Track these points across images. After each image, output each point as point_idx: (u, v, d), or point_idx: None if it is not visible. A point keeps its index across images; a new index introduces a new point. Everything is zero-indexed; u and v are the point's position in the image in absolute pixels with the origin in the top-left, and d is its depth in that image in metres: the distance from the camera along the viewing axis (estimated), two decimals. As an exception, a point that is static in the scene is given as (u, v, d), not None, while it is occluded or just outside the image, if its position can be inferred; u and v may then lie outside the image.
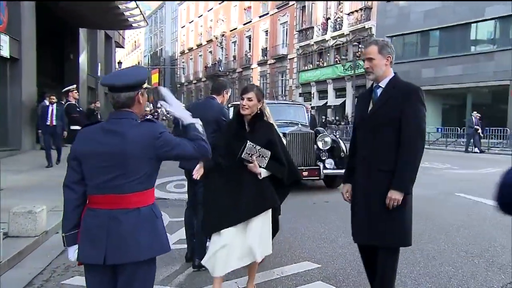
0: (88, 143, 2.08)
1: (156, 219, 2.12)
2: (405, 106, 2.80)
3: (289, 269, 4.07)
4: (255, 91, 3.19)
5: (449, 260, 4.30)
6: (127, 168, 2.03)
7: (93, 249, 2.02)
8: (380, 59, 2.87)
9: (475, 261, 4.26)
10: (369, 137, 2.91)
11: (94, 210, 2.05)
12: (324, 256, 4.45)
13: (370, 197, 2.87)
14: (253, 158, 3.09)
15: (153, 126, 2.11)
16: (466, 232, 5.30)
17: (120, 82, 2.10)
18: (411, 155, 2.79)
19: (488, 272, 3.96)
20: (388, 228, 2.83)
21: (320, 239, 5.10)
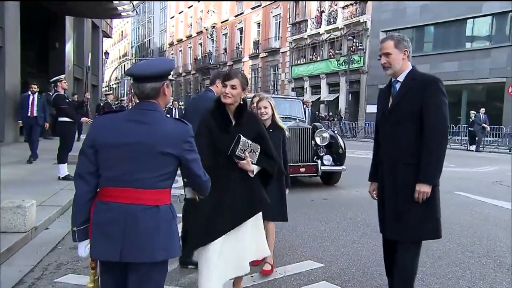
0: (109, 131, 2.00)
1: (173, 220, 2.07)
2: (425, 97, 2.83)
3: (292, 269, 4.00)
4: (239, 78, 2.82)
5: (455, 260, 4.27)
6: (151, 162, 1.97)
7: (108, 245, 1.95)
8: (397, 54, 2.91)
9: (482, 262, 4.24)
10: (392, 131, 2.95)
11: (107, 203, 1.97)
12: (326, 255, 4.40)
13: (397, 191, 2.91)
14: (246, 154, 2.75)
15: (186, 127, 2.07)
16: (471, 232, 5.30)
17: (146, 71, 2.04)
18: (436, 146, 2.81)
19: (497, 273, 3.94)
20: (419, 222, 2.85)
21: (321, 237, 5.05)
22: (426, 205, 2.83)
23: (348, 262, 4.22)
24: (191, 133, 2.08)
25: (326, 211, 6.37)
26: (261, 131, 2.94)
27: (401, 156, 2.90)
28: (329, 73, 30.74)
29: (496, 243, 4.86)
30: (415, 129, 2.85)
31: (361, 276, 3.89)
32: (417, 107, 2.84)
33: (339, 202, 6.91)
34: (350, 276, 3.87)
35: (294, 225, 5.53)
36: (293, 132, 7.89)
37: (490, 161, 14.13)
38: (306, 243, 4.82)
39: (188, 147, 2.04)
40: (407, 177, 2.86)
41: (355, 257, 4.36)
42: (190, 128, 2.10)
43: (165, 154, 1.98)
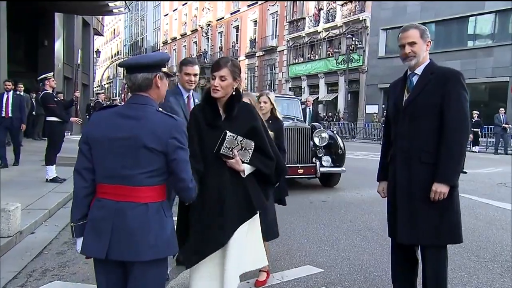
0: (101, 127, 2.02)
1: (165, 218, 2.04)
2: (446, 91, 2.73)
3: (290, 274, 3.93)
4: (229, 66, 2.54)
5: (461, 265, 4.20)
6: (139, 158, 1.96)
7: (96, 242, 1.97)
8: (422, 44, 2.83)
9: (489, 267, 4.17)
10: (408, 127, 2.83)
11: (101, 200, 2.00)
12: (326, 260, 4.32)
13: (412, 192, 2.80)
14: (234, 152, 2.52)
15: (175, 121, 2.03)
16: (476, 236, 5.23)
17: (137, 60, 2.08)
18: (455, 143, 2.71)
19: (505, 279, 3.88)
20: (434, 225, 2.75)
21: (320, 241, 4.97)
22: (444, 206, 2.73)
23: (348, 267, 4.15)
24: (181, 129, 2.03)
25: (325, 213, 6.29)
26: (256, 125, 2.66)
27: (417, 154, 2.79)
28: (328, 72, 30.72)
29: (502, 246, 4.80)
30: (434, 125, 2.76)
31: (363, 281, 3.81)
32: (437, 102, 2.74)
33: (339, 205, 6.83)
34: (351, 282, 3.79)
35: (292, 228, 5.46)
36: (291, 132, 7.82)
37: (493, 162, 14.12)
38: (305, 247, 4.74)
39: (176, 144, 1.98)
40: (423, 176, 2.75)
41: (355, 261, 4.28)
42: (181, 123, 2.05)
43: (151, 150, 1.96)
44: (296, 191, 8.07)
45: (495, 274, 3.98)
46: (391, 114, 3.04)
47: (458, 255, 4.47)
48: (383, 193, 3.14)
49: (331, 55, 29.74)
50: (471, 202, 7.19)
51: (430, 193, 2.71)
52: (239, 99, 2.66)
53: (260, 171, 2.67)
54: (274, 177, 2.75)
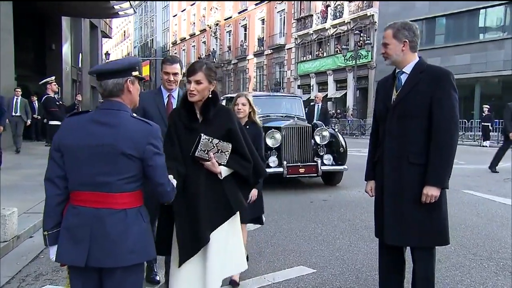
0: (73, 134, 2.00)
1: (143, 223, 2.06)
2: (436, 91, 2.68)
3: (282, 275, 3.92)
4: (204, 70, 2.58)
5: (456, 263, 4.16)
6: (117, 165, 1.96)
7: (74, 249, 1.96)
8: (395, 44, 2.78)
9: (484, 265, 4.12)
10: (396, 127, 2.79)
11: (77, 207, 1.98)
12: (320, 260, 4.30)
13: (401, 193, 2.76)
14: (210, 155, 2.56)
15: (150, 127, 2.04)
16: (475, 233, 5.16)
17: (105, 67, 2.09)
18: (446, 145, 2.67)
19: (499, 277, 3.82)
20: (422, 227, 2.73)
21: (316, 241, 4.95)
22: (431, 208, 2.71)
23: (341, 267, 4.12)
24: (156, 134, 2.04)
25: (324, 213, 6.27)
26: (233, 127, 2.68)
27: (405, 154, 2.75)
28: (336, 69, 30.57)
29: (500, 244, 4.73)
30: (422, 125, 2.71)
31: (354, 282, 3.79)
32: (427, 102, 2.69)
33: (339, 203, 6.80)
34: (342, 283, 3.77)
35: (289, 229, 5.45)
36: (291, 131, 7.82)
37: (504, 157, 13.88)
38: (300, 247, 4.73)
39: (153, 150, 2.00)
40: (411, 177, 2.72)
41: (349, 261, 4.26)
42: (156, 129, 2.05)
43: (128, 157, 1.97)
44: (298, 190, 8.07)
45: (489, 273, 3.92)
46: (380, 113, 2.99)
47: (454, 253, 4.42)
48: (371, 193, 3.09)
49: (339, 51, 29.58)
50: (474, 199, 7.11)
51: (418, 194, 2.69)
52: (216, 102, 2.69)
53: (237, 173, 2.69)
54: (252, 179, 2.77)
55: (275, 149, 7.73)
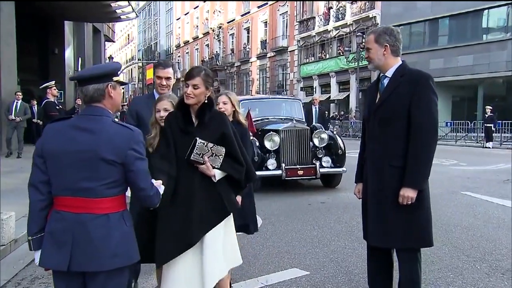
0: (55, 140, 2.03)
1: (126, 227, 2.08)
2: (415, 95, 2.72)
3: (275, 277, 3.94)
4: (202, 76, 2.69)
5: (449, 265, 4.17)
6: (98, 171, 1.98)
7: (57, 254, 1.98)
8: (377, 48, 2.83)
9: (476, 266, 4.13)
10: (378, 130, 2.84)
11: (60, 212, 2.01)
12: (314, 262, 4.33)
13: (382, 195, 2.81)
14: (204, 158, 2.63)
15: (131, 132, 2.06)
16: (470, 234, 5.17)
17: (85, 73, 2.13)
18: (423, 148, 2.71)
19: (490, 278, 3.83)
20: (405, 229, 2.76)
21: (311, 243, 4.97)
22: (412, 210, 2.74)
23: (334, 269, 4.15)
24: (137, 139, 2.06)
25: (322, 215, 6.29)
26: (227, 132, 2.76)
27: (387, 157, 2.80)
28: (339, 71, 30.58)
29: (495, 245, 4.74)
30: (403, 128, 2.75)
31: (346, 283, 3.82)
32: (406, 105, 2.73)
33: (337, 206, 6.82)
34: (334, 285, 3.80)
35: (285, 231, 5.48)
36: (290, 134, 7.86)
37: (506, 158, 13.85)
38: (295, 249, 4.76)
39: (134, 155, 2.02)
40: (392, 180, 2.76)
41: (343, 263, 4.28)
42: (137, 134, 2.07)
43: (109, 162, 1.98)
44: (296, 192, 8.11)
45: (481, 274, 3.94)
46: (365, 116, 3.06)
47: (448, 255, 4.44)
48: (358, 195, 3.13)
49: (342, 53, 29.60)
50: (472, 200, 7.11)
51: (399, 196, 2.72)
52: (211, 107, 2.78)
53: (231, 176, 2.76)
54: (244, 182, 2.84)
55: (274, 152, 7.78)
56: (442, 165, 11.82)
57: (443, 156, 13.58)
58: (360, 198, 3.10)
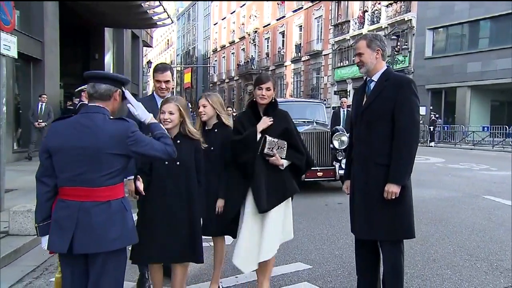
0: (59, 136, 2.26)
1: (126, 212, 2.32)
2: (398, 98, 2.91)
3: (279, 270, 4.14)
4: (271, 80, 3.28)
5: (449, 263, 4.26)
6: (99, 163, 2.21)
7: (60, 238, 2.21)
8: (369, 53, 3.01)
9: (477, 265, 4.20)
10: (364, 131, 3.03)
11: (65, 201, 2.24)
12: (318, 257, 4.52)
13: (368, 191, 3.00)
14: (274, 151, 3.18)
15: (126, 124, 2.30)
16: (480, 236, 5.21)
17: (106, 73, 2.43)
18: (406, 147, 2.90)
19: (487, 276, 3.91)
20: (389, 222, 2.94)
21: (320, 240, 5.15)
22: (396, 205, 2.92)
23: (336, 264, 4.32)
24: (132, 129, 2.29)
25: (336, 214, 6.44)
26: (289, 127, 3.30)
27: (372, 156, 2.99)
28: (373, 74, 30.22)
29: (501, 247, 4.77)
30: (387, 129, 2.93)
31: (346, 277, 4.00)
32: (390, 107, 2.92)
33: (353, 206, 6.92)
34: (334, 278, 3.98)
35: (297, 229, 5.55)
36: (310, 136, 8.02)
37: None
38: (303, 245, 4.95)
39: (132, 141, 2.26)
40: (378, 177, 2.95)
41: (346, 259, 4.45)
42: (131, 123, 2.31)
43: (111, 155, 2.23)
44: (315, 193, 8.26)
45: (479, 272, 4.02)
46: (353, 118, 3.26)
47: (451, 254, 4.53)
48: (347, 191, 3.33)
49: (376, 57, 29.29)
50: (491, 204, 7.05)
51: (383, 192, 2.91)
52: (276, 106, 3.34)
53: (294, 164, 3.32)
54: (304, 168, 3.42)
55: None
56: (471, 170, 11.66)
57: (474, 161, 13.37)
58: (348, 194, 3.30)
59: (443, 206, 6.93)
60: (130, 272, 3.93)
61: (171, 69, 3.73)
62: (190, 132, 3.06)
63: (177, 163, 2.96)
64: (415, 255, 4.46)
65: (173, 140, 2.90)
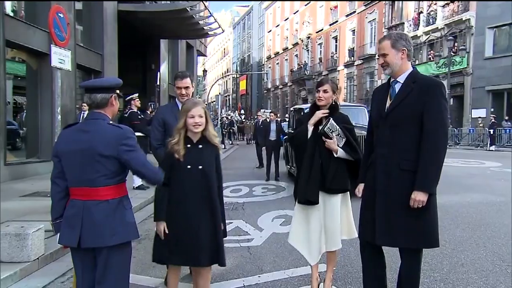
0: (65, 142, 2.48)
1: (125, 210, 2.49)
2: (427, 100, 2.75)
3: (300, 271, 4.21)
4: (329, 83, 3.46)
5: (478, 268, 4.12)
6: (97, 165, 2.39)
7: (70, 234, 2.42)
8: (394, 54, 2.86)
9: (507, 270, 4.03)
10: (389, 134, 2.86)
11: (73, 200, 2.45)
12: (343, 259, 4.51)
13: (391, 197, 2.82)
14: (333, 134, 3.30)
15: (121, 130, 2.45)
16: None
17: (95, 83, 2.56)
18: (435, 152, 2.73)
19: (516, 281, 3.75)
20: (411, 229, 2.78)
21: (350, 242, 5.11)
22: (420, 213, 2.75)
23: (359, 266, 4.27)
24: (126, 136, 2.45)
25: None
26: (349, 127, 3.48)
27: (397, 161, 2.81)
28: (429, 77, 29.18)
29: (539, 253, 4.53)
30: (414, 133, 2.77)
31: (355, 273, 4.02)
32: (418, 111, 2.76)
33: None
34: (354, 279, 3.98)
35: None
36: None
37: None
38: (331, 247, 4.95)
39: (125, 148, 2.40)
40: (401, 183, 2.78)
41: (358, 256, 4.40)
42: (126, 131, 2.48)
43: (106, 157, 2.39)
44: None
45: (507, 277, 3.86)
46: (374, 120, 3.09)
47: (482, 259, 4.38)
48: (358, 193, 3.15)
49: (432, 59, 28.29)
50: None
51: (408, 199, 2.74)
52: (337, 107, 3.52)
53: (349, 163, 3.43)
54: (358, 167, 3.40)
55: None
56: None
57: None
58: (358, 197, 3.15)
59: (486, 211, 6.64)
60: (159, 267, 4.18)
61: (191, 76, 3.89)
62: (211, 137, 3.07)
63: (200, 167, 2.99)
64: (444, 259, 4.35)
65: (196, 145, 3.05)
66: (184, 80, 3.75)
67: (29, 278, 4.11)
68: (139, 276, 4.14)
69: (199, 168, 2.99)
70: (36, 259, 4.33)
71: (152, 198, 7.51)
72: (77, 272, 2.56)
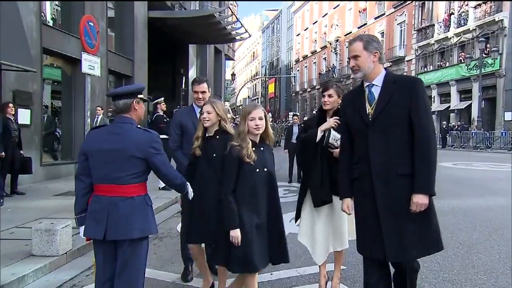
0: (94, 142, 2.67)
1: (147, 206, 2.69)
2: (413, 100, 2.65)
3: (311, 269, 4.30)
4: (334, 88, 3.52)
5: (488, 269, 4.13)
6: (125, 164, 2.58)
7: (96, 227, 2.60)
8: (366, 56, 2.72)
9: (518, 272, 4.03)
10: (379, 140, 2.69)
11: (98, 196, 2.63)
12: (355, 260, 4.57)
13: (395, 209, 2.64)
14: (338, 143, 3.29)
15: (150, 134, 2.66)
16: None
17: (118, 91, 2.78)
18: (429, 153, 2.61)
19: (525, 284, 3.76)
20: (423, 237, 2.64)
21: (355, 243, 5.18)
22: (425, 217, 2.62)
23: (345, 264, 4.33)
24: (155, 140, 2.67)
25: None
26: None
27: (393, 167, 2.65)
28: (460, 79, 28.60)
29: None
30: (405, 135, 2.65)
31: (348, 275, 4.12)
32: (405, 110, 2.64)
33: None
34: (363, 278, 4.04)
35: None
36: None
37: None
38: (345, 248, 5.03)
39: (153, 151, 2.64)
40: (403, 190, 2.61)
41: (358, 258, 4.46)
42: (155, 135, 2.70)
43: (135, 158, 2.62)
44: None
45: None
46: (356, 129, 2.85)
47: (494, 261, 4.39)
48: (348, 211, 2.92)
49: (463, 61, 27.70)
50: None
51: (410, 205, 2.59)
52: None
53: None
54: None
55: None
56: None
57: None
58: (349, 214, 2.96)
59: (508, 215, 6.53)
60: (177, 263, 4.40)
61: (207, 81, 4.02)
62: (270, 138, 3.20)
63: (265, 169, 3.08)
64: (455, 261, 4.38)
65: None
66: (202, 85, 3.91)
67: (58, 271, 4.37)
68: (159, 272, 4.34)
69: (264, 170, 3.07)
70: (64, 253, 4.60)
71: (176, 199, 7.83)
72: (97, 263, 2.74)
